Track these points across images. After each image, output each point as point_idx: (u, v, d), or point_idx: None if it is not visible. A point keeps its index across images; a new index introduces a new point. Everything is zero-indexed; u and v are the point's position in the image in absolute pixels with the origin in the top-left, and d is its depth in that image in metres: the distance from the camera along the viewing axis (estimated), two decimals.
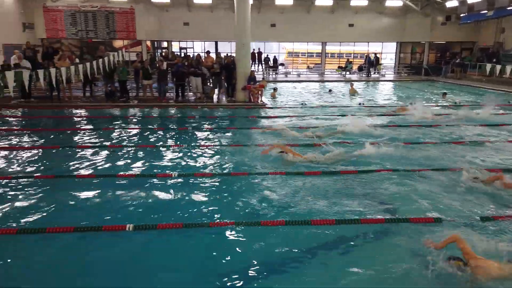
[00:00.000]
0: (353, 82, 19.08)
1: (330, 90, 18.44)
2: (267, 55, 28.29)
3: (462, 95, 17.70)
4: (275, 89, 17.21)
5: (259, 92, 14.42)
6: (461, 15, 24.12)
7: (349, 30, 26.43)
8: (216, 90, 15.41)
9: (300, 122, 10.94)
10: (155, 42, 26.30)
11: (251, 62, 20.17)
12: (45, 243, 4.27)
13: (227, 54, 16.40)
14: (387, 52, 29.84)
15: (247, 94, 14.25)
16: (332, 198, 5.46)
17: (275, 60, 27.78)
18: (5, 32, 18.69)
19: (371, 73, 26.71)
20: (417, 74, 26.78)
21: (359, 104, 14.47)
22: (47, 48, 15.79)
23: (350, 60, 29.31)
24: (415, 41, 27.58)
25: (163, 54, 19.84)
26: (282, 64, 29.02)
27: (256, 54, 27.47)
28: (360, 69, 27.12)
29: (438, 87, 20.84)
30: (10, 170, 6.62)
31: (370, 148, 7.49)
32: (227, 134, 9.54)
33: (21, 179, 6.09)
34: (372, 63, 26.68)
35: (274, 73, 26.45)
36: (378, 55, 27.44)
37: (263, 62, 27.52)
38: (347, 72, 27.22)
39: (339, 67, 28.37)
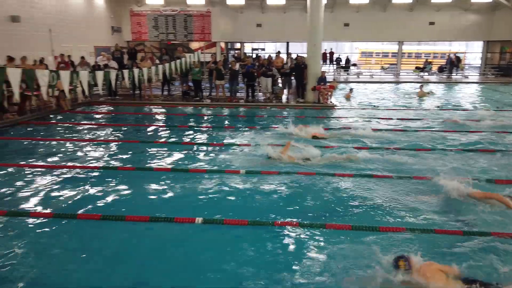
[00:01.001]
0: (422, 85, 17.89)
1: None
2: (339, 55, 27.69)
3: None
4: (351, 90, 16.79)
5: (329, 93, 14.20)
6: None
7: (429, 29, 24.82)
8: (286, 91, 15.47)
9: (371, 125, 10.57)
10: (229, 43, 27.09)
11: (322, 62, 19.93)
12: (122, 230, 4.65)
13: (297, 55, 16.38)
14: (472, 52, 27.43)
15: (317, 95, 14.11)
16: (404, 203, 5.23)
17: (347, 60, 27.09)
18: (96, 35, 20.62)
19: (453, 74, 24.83)
20: (507, 76, 24.35)
21: (437, 107, 13.61)
22: (130, 50, 17.08)
23: (429, 60, 27.54)
24: (505, 39, 25.07)
25: (236, 55, 20.40)
26: (354, 65, 28.20)
27: (328, 54, 27.05)
28: (441, 70, 25.33)
29: None
30: (96, 161, 7.30)
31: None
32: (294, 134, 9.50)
33: (106, 170, 6.71)
34: (453, 64, 24.81)
35: (345, 74, 25.81)
36: (458, 55, 25.35)
37: (334, 62, 27.01)
38: (426, 73, 25.61)
39: (416, 67, 26.79)
